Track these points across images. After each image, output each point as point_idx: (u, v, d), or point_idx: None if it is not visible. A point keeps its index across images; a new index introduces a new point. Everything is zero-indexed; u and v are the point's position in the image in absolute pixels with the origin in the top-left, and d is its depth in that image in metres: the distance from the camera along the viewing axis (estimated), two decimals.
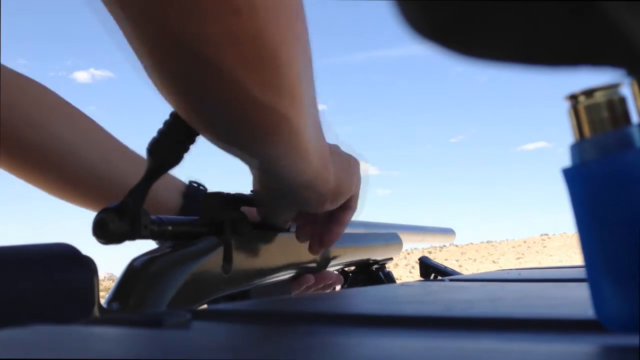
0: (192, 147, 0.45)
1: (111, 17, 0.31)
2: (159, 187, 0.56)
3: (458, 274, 0.81)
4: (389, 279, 0.79)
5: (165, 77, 0.34)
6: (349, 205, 0.56)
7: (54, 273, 0.35)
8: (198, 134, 0.43)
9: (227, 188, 0.59)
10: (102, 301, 0.39)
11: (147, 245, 0.47)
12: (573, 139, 0.18)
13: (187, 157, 0.45)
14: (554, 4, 0.13)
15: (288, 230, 0.57)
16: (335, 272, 0.65)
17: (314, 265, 0.62)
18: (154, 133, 0.45)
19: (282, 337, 0.22)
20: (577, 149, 0.18)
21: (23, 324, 0.21)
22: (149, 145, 0.43)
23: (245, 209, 0.53)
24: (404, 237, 0.85)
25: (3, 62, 0.53)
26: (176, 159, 0.44)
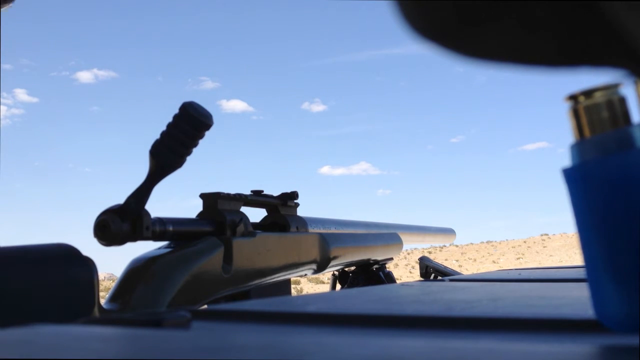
0: (194, 149, 0.45)
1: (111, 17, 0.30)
2: None
3: (458, 274, 0.81)
4: (389, 279, 0.79)
5: None
6: None
7: (54, 273, 0.35)
8: (201, 137, 0.43)
9: (226, 189, 0.59)
10: (102, 301, 0.39)
11: (147, 245, 0.47)
12: (573, 139, 0.18)
13: (189, 158, 0.45)
14: (554, 4, 0.13)
15: (289, 231, 0.57)
16: None
17: (314, 265, 0.62)
18: (157, 135, 0.45)
19: (282, 337, 0.22)
20: (577, 149, 0.18)
21: (23, 324, 0.21)
22: (151, 147, 0.43)
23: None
24: (404, 237, 0.85)
25: (6, 62, 0.52)
26: (179, 162, 0.44)
